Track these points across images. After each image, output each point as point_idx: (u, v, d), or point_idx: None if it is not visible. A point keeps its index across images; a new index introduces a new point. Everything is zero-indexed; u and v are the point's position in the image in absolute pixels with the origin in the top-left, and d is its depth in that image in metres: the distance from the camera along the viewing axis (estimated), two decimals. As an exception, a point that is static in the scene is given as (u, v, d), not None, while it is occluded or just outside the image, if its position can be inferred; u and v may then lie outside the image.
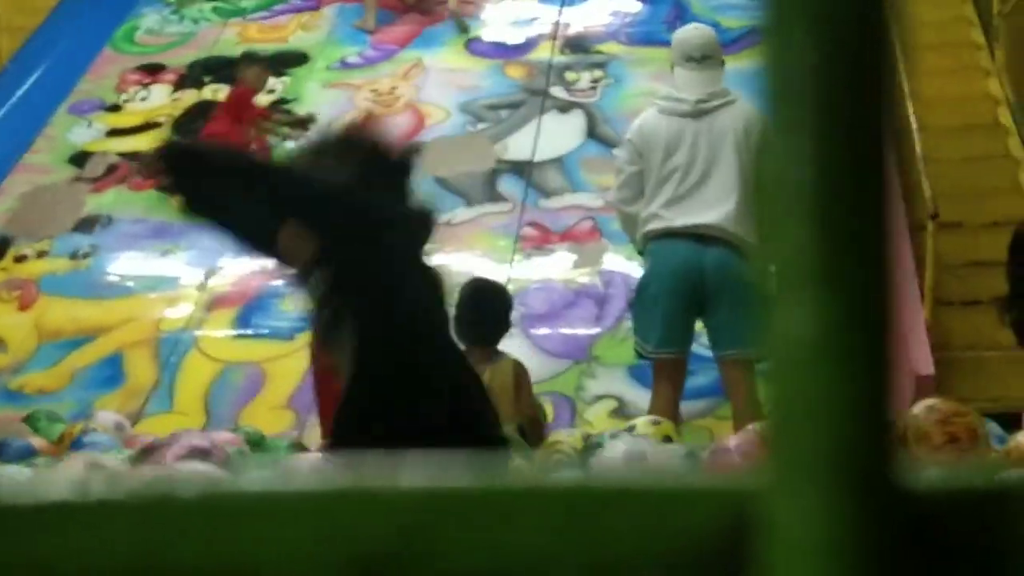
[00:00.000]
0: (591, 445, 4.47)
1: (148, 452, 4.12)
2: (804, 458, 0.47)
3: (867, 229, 0.46)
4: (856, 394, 0.46)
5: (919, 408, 4.13)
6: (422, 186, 9.06)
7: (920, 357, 5.91)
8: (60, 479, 0.57)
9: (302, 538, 0.52)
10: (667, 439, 4.97)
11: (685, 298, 5.47)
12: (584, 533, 0.48)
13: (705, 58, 5.63)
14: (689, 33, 5.89)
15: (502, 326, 5.50)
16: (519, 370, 5.41)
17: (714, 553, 0.48)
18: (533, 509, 0.48)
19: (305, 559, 0.52)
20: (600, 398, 6.53)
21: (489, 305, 5.44)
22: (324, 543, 0.52)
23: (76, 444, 5.05)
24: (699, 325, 5.84)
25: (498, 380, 5.28)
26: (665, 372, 5.59)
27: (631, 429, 5.01)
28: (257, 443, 4.83)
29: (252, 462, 4.26)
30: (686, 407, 5.97)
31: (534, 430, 5.26)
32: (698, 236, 5.45)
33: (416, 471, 0.51)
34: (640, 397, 6.30)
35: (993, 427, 4.88)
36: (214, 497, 0.55)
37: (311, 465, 4.09)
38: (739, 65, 6.35)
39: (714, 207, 5.45)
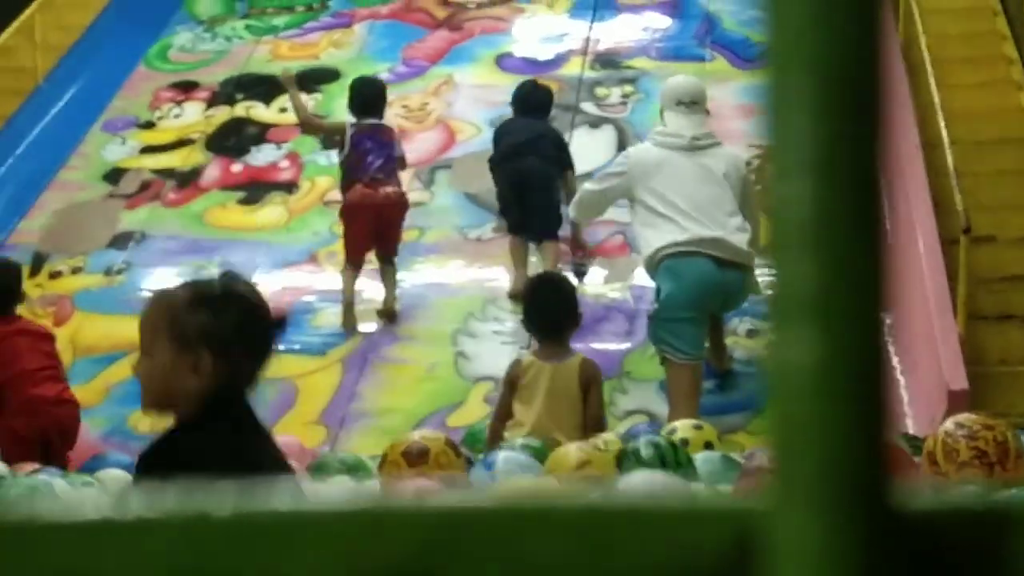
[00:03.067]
0: (628, 453, 4.47)
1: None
2: (804, 480, 0.49)
3: (863, 263, 0.49)
4: (852, 419, 0.49)
5: (949, 423, 4.12)
6: (450, 201, 9.08)
7: (953, 372, 5.88)
8: (99, 496, 0.59)
9: (329, 555, 0.55)
10: (708, 445, 4.98)
11: (707, 309, 6.02)
12: (594, 552, 0.50)
13: (693, 103, 6.29)
14: (680, 81, 6.66)
15: (569, 320, 5.66)
16: (588, 370, 5.50)
17: (719, 572, 0.50)
18: (546, 528, 0.50)
19: (332, 575, 0.54)
20: (631, 413, 6.54)
21: (555, 298, 5.62)
22: (349, 560, 0.54)
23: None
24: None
25: (560, 381, 5.38)
26: (687, 379, 5.94)
27: (672, 432, 5.01)
28: (355, 467, 4.79)
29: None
30: (718, 422, 5.98)
31: (598, 430, 5.29)
32: (715, 258, 5.94)
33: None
34: (667, 410, 6.31)
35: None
36: (247, 515, 0.57)
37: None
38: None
39: (724, 226, 5.98)
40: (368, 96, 7.65)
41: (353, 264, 7.34)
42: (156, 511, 0.56)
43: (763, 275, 6.31)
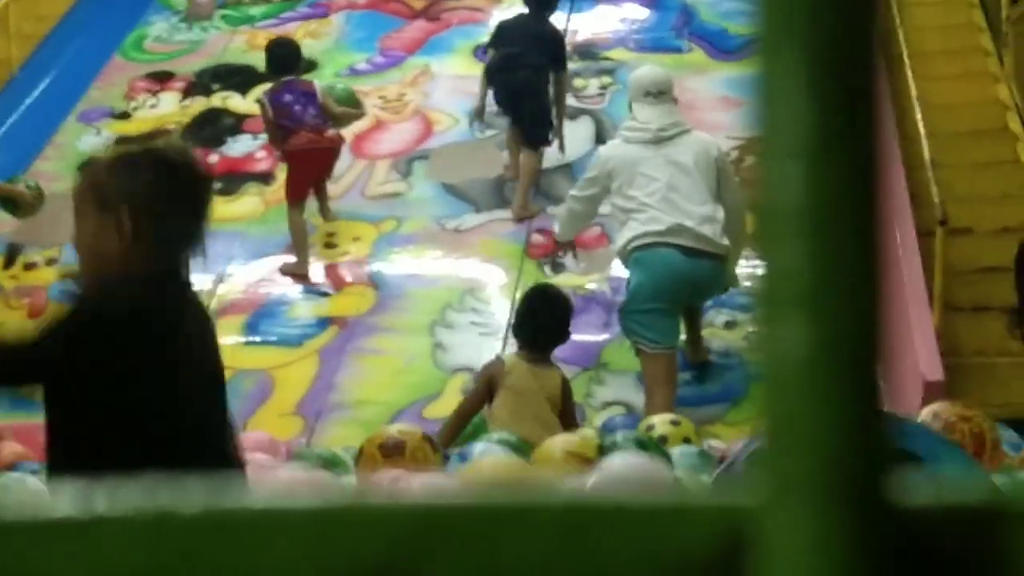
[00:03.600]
0: (607, 447, 4.46)
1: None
2: (797, 475, 0.47)
3: (857, 252, 0.47)
4: (847, 413, 0.47)
5: (926, 413, 4.12)
6: (428, 192, 9.10)
7: (929, 363, 5.90)
8: (67, 494, 0.57)
9: (301, 553, 0.53)
10: (686, 440, 4.99)
11: (678, 299, 6.07)
12: (578, 550, 0.49)
13: (660, 93, 6.34)
14: (646, 72, 6.73)
15: (560, 337, 5.86)
16: (566, 385, 5.68)
17: (709, 569, 0.48)
18: (527, 525, 0.48)
19: (302, 574, 0.52)
20: (609, 404, 6.54)
21: (550, 314, 5.77)
22: (322, 558, 0.52)
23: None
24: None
25: (547, 389, 5.53)
26: (662, 369, 5.99)
27: (649, 428, 5.02)
28: (331, 462, 4.78)
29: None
30: (696, 413, 5.99)
31: None
32: (684, 248, 6.00)
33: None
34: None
35: (1010, 434, 4.86)
36: (216, 513, 0.55)
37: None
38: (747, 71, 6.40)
39: (692, 216, 6.03)
40: (280, 56, 8.05)
41: (300, 207, 7.76)
42: (121, 509, 0.54)
43: (749, 265, 6.35)
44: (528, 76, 7.94)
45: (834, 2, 0.47)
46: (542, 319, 5.80)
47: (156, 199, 2.38)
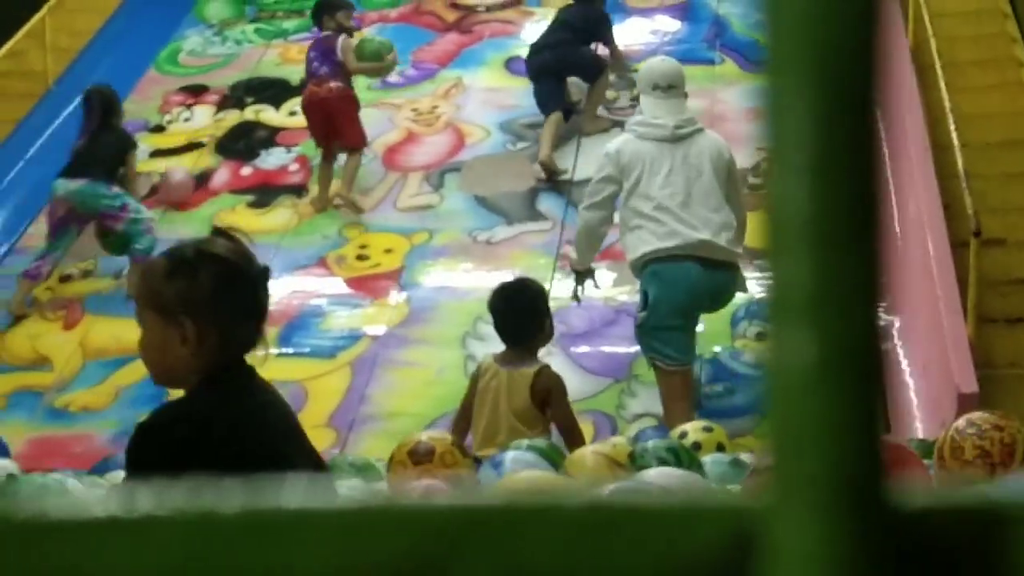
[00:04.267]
0: (637, 455, 4.46)
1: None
2: (802, 479, 0.49)
3: (862, 263, 0.49)
4: (850, 419, 0.49)
5: (962, 421, 4.11)
6: (460, 204, 9.13)
7: (963, 375, 5.87)
8: (107, 494, 0.60)
9: (332, 553, 0.55)
10: (720, 447, 4.97)
11: (696, 313, 5.88)
12: (592, 551, 0.51)
13: (671, 87, 6.01)
14: (656, 63, 6.37)
15: (529, 329, 5.46)
16: (544, 380, 5.31)
17: (717, 571, 0.50)
18: (543, 526, 0.51)
19: (334, 573, 0.55)
20: (640, 416, 6.54)
21: (515, 306, 5.45)
22: (352, 558, 0.55)
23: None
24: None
25: (513, 389, 5.24)
26: (679, 385, 5.87)
27: (683, 436, 5.00)
28: (363, 469, 4.82)
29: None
30: (727, 425, 5.98)
31: (572, 441, 5.25)
32: (702, 260, 5.75)
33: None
34: (680, 415, 6.31)
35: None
36: (254, 513, 0.58)
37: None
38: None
39: (708, 225, 5.78)
40: (314, 9, 9.14)
41: (323, 156, 8.67)
42: (163, 509, 0.57)
43: (755, 274, 6.23)
44: (548, 58, 8.64)
45: (836, 21, 0.49)
46: (506, 314, 5.42)
47: (218, 304, 2.39)
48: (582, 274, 6.51)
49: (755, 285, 6.30)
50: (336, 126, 8.49)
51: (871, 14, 0.48)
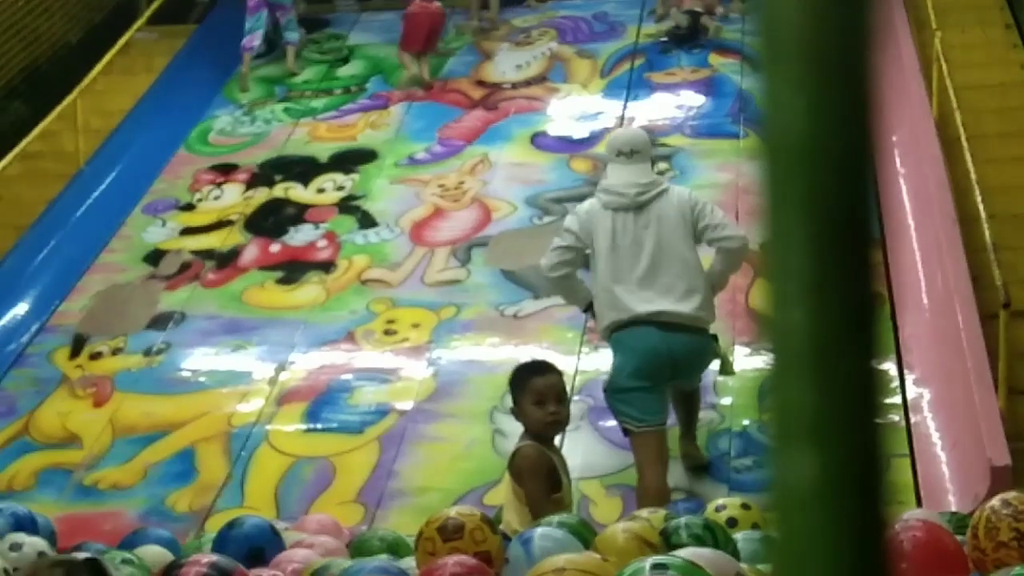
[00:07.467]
0: (671, 531, 4.41)
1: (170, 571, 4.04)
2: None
3: (859, 385, 0.50)
4: (851, 534, 0.50)
5: (997, 500, 4.05)
6: (487, 278, 9.11)
7: (995, 447, 5.82)
8: None
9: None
10: (755, 525, 4.92)
11: (658, 377, 5.91)
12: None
13: (634, 152, 6.19)
14: (620, 132, 6.77)
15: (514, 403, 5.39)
16: (518, 462, 5.22)
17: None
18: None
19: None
20: (670, 491, 6.48)
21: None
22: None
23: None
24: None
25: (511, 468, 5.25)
26: (651, 447, 5.87)
27: (719, 509, 4.96)
28: (395, 545, 4.76)
29: None
30: (756, 498, 5.92)
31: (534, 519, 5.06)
32: (661, 323, 5.90)
33: None
34: (708, 490, 6.26)
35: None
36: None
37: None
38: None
39: (671, 292, 5.93)
40: None
41: (409, 57, 11.13)
42: None
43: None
44: None
45: (833, 159, 0.50)
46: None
47: None
48: (588, 308, 6.46)
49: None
50: (432, 39, 11.15)
51: (864, 152, 0.50)
